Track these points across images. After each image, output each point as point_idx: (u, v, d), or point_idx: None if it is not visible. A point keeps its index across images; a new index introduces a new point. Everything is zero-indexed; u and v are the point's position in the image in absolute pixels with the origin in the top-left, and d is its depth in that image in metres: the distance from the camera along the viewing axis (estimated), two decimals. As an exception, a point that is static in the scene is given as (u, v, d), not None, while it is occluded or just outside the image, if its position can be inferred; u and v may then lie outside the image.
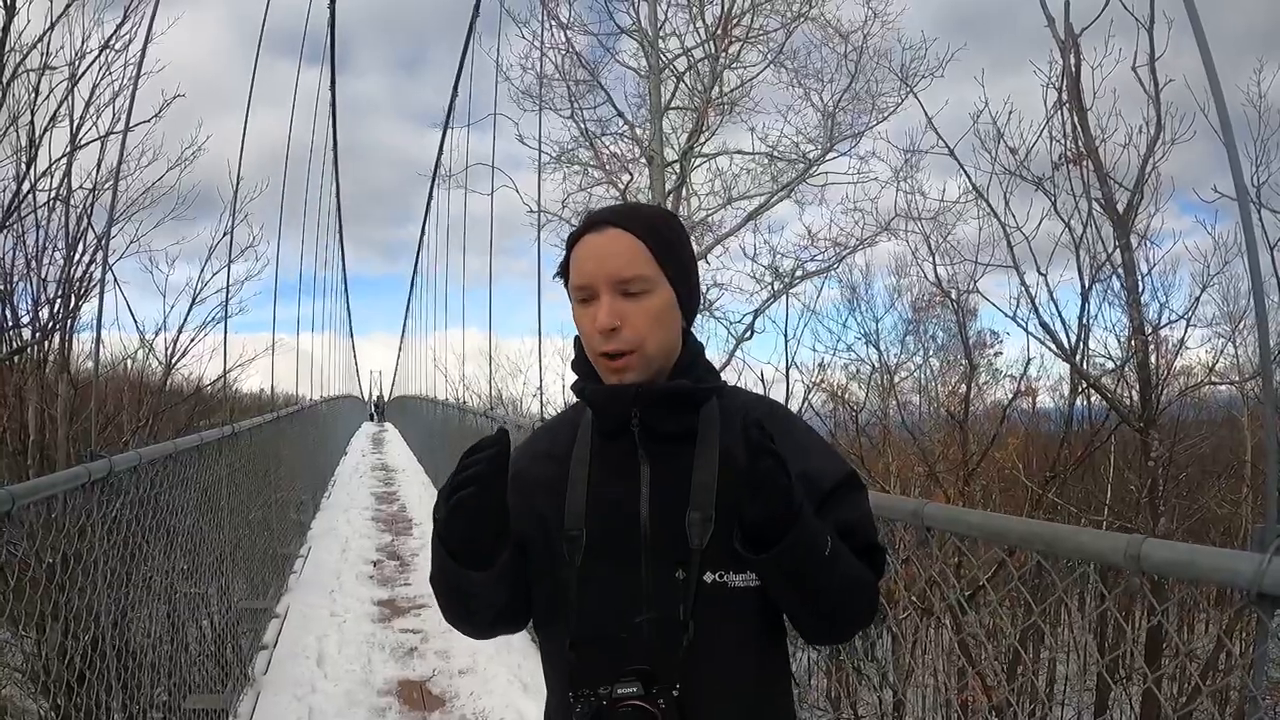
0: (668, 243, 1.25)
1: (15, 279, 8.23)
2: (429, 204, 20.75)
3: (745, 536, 1.14)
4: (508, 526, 1.20)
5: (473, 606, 1.27)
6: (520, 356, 14.86)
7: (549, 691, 1.33)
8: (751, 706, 1.22)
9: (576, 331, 1.30)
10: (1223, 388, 11.65)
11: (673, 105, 10.00)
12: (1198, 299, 9.14)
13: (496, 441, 1.15)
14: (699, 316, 1.36)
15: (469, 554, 1.19)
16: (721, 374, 1.40)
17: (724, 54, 9.86)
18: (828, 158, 10.04)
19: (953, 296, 10.77)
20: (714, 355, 9.36)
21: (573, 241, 1.26)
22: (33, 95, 8.04)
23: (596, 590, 1.21)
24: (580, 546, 1.22)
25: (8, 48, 7.59)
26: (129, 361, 10.56)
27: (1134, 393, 8.53)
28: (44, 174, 8.19)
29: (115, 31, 8.24)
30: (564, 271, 1.28)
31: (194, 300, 10.43)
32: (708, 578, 1.18)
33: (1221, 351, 11.34)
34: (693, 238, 10.11)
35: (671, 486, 1.22)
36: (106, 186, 7.96)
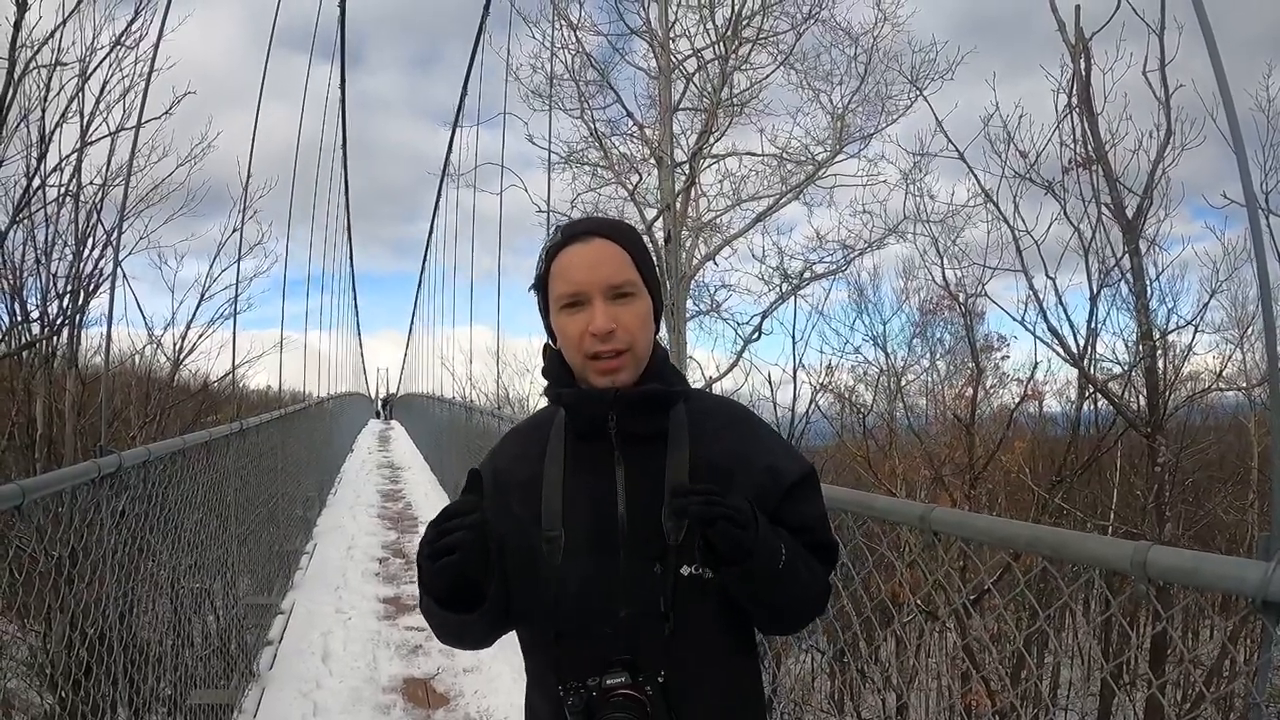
0: (642, 252, 1.33)
1: (25, 274, 8.27)
2: (437, 202, 20.77)
3: (704, 557, 1.23)
4: (490, 571, 1.24)
5: (464, 634, 1.35)
6: (528, 355, 14.87)
7: (529, 682, 1.40)
8: (728, 685, 1.31)
9: (546, 339, 1.37)
10: (1230, 393, 11.61)
11: (682, 106, 10.00)
12: (1206, 304, 9.12)
13: (474, 506, 1.20)
14: (706, 317, 1.41)
15: (454, 601, 1.25)
16: (728, 374, 1.46)
17: (734, 55, 9.86)
18: (837, 160, 10.05)
19: (960, 300, 10.75)
20: (721, 356, 9.38)
21: (553, 253, 1.31)
22: (44, 91, 8.08)
23: (577, 586, 1.27)
24: (559, 545, 1.28)
25: (19, 43, 7.62)
26: (137, 357, 10.61)
27: (1141, 398, 8.52)
28: (54, 170, 8.24)
29: (127, 28, 8.28)
30: (540, 283, 1.34)
31: (203, 296, 10.49)
32: (685, 571, 1.24)
33: (1229, 357, 11.30)
34: (701, 238, 10.15)
35: (646, 485, 1.28)
36: (116, 183, 7.99)
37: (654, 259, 1.38)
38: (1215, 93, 1.88)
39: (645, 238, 1.38)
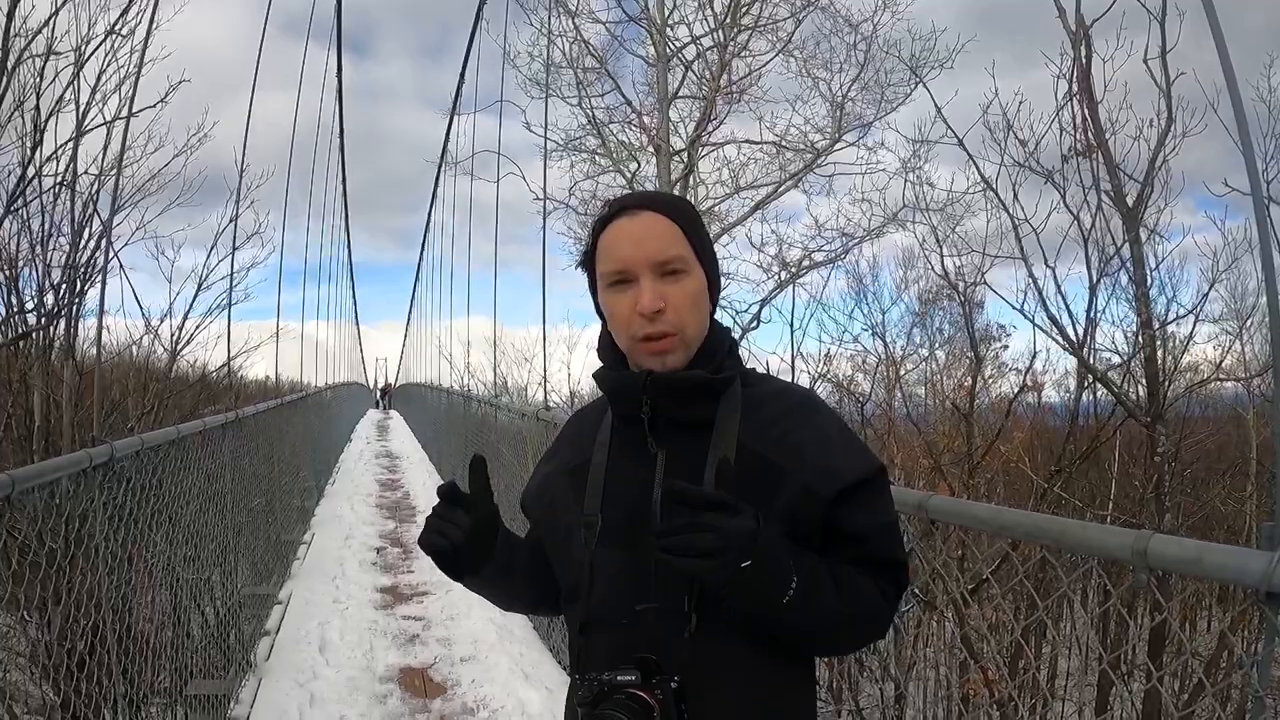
0: (696, 226, 1.26)
1: (20, 264, 8.23)
2: (435, 190, 20.74)
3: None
4: (489, 553, 1.30)
5: (486, 596, 1.42)
6: (526, 345, 14.87)
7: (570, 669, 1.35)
8: (757, 703, 1.19)
9: (600, 319, 1.30)
10: (1229, 384, 11.61)
11: (680, 94, 9.96)
12: (1206, 294, 9.07)
13: (472, 505, 1.28)
14: None
15: (447, 570, 1.31)
16: None
17: (732, 42, 9.81)
18: (836, 148, 9.99)
19: (960, 289, 10.72)
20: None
21: (600, 227, 1.25)
22: (38, 80, 8.02)
23: (606, 576, 1.22)
24: (595, 532, 1.23)
25: (13, 32, 7.57)
26: (134, 348, 10.57)
27: (1140, 387, 8.50)
28: (49, 159, 8.18)
29: (121, 16, 8.20)
30: (588, 259, 1.27)
31: (199, 286, 10.44)
32: None
33: (1229, 348, 11.29)
34: (699, 227, 10.10)
35: (685, 475, 1.18)
36: (112, 172, 7.95)
37: (708, 234, 1.30)
38: (1217, 81, 1.86)
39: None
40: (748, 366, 1.34)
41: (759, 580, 1.08)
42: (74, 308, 8.39)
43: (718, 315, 1.32)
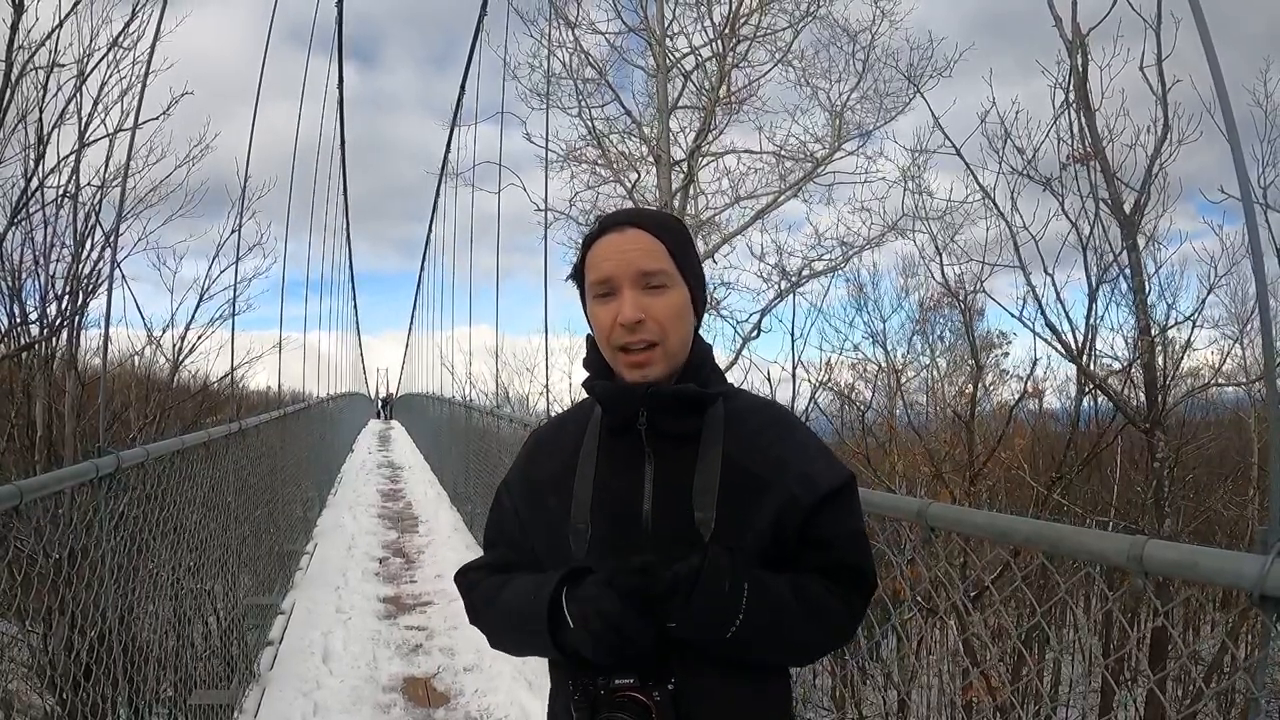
0: (681, 243, 1.30)
1: (24, 275, 8.26)
2: (436, 201, 20.76)
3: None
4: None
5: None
6: (528, 354, 14.88)
7: (553, 677, 1.36)
8: (747, 701, 1.25)
9: (588, 329, 1.34)
10: (1229, 389, 11.61)
11: (680, 104, 10.00)
12: (1204, 300, 9.06)
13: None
14: (706, 315, 1.38)
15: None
16: (728, 373, 1.41)
17: (731, 53, 9.86)
18: (835, 157, 10.03)
19: (960, 297, 10.74)
20: (721, 353, 9.34)
21: (589, 243, 1.29)
22: (41, 92, 8.07)
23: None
24: (585, 540, 1.26)
25: (16, 45, 7.62)
26: (137, 358, 10.60)
27: (1140, 393, 8.50)
28: (52, 171, 8.22)
29: (124, 29, 8.26)
30: (578, 273, 1.32)
31: (202, 297, 10.46)
32: None
33: (1228, 353, 11.30)
34: (700, 236, 10.14)
35: (674, 485, 1.24)
36: (115, 184, 7.99)
37: (695, 251, 1.34)
38: (1213, 87, 1.88)
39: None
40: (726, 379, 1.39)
41: (698, 619, 1.15)
42: (77, 318, 8.42)
43: (718, 324, 1.36)
